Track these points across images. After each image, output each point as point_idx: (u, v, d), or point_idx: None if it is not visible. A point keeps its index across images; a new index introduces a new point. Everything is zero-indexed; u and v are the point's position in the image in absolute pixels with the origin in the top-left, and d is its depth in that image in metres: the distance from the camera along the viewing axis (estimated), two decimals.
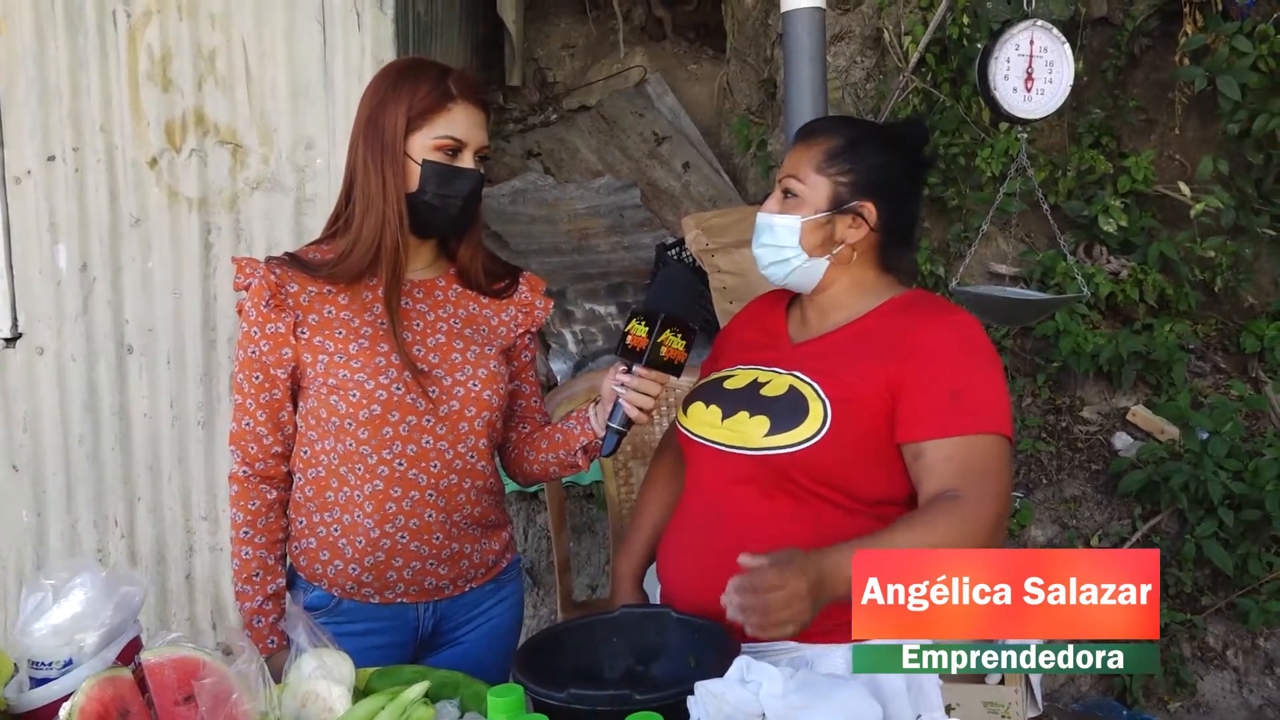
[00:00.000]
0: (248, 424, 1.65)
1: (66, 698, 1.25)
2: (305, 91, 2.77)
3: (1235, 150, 3.94)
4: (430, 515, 1.65)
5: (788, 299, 1.73)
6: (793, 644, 1.48)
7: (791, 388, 1.54)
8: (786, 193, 1.61)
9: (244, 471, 1.66)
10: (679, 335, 1.57)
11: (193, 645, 1.30)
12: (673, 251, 3.89)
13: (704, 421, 1.61)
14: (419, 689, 1.29)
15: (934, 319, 1.55)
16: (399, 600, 1.67)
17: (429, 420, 1.63)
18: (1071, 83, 2.77)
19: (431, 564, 1.67)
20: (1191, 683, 3.21)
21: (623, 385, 1.58)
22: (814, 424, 1.49)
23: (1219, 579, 3.27)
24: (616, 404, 1.59)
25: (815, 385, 1.53)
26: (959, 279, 3.05)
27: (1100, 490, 3.50)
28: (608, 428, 1.61)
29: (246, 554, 1.66)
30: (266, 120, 2.79)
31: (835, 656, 1.48)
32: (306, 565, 1.68)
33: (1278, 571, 3.24)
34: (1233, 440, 3.30)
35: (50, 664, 1.34)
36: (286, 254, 1.69)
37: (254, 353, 1.63)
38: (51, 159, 2.82)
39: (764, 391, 1.56)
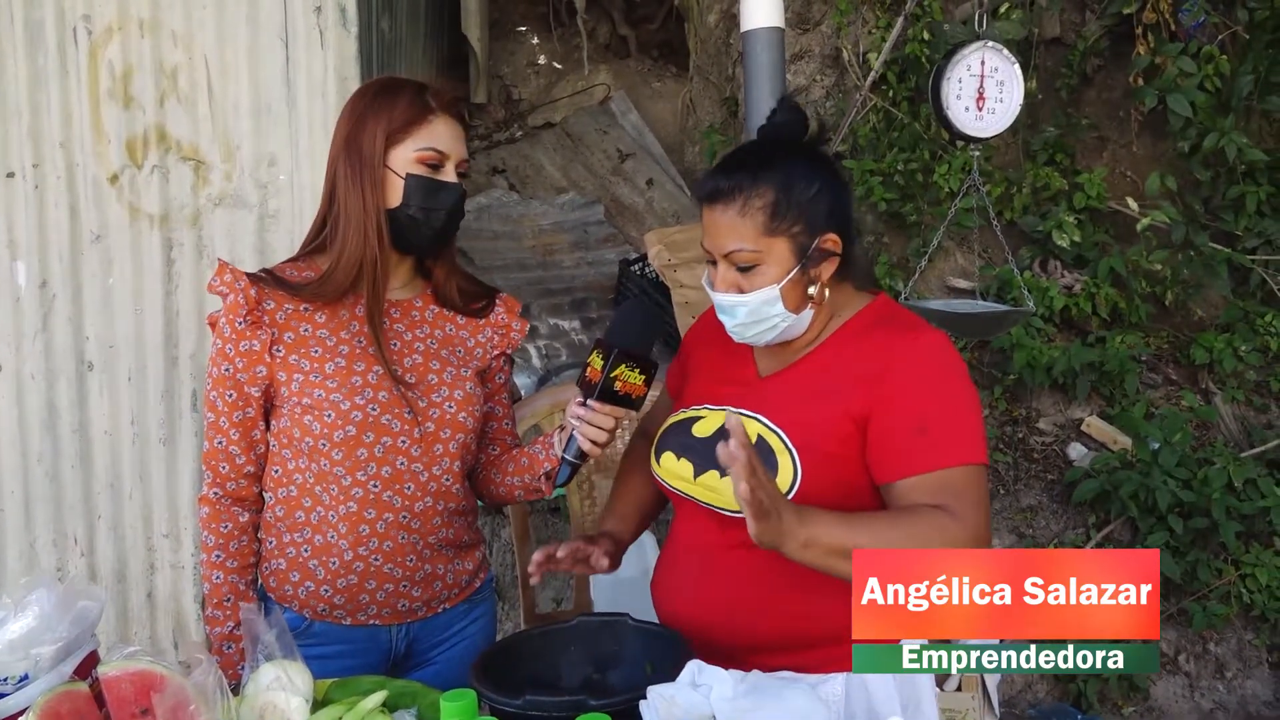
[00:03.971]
0: (220, 442, 1.62)
1: (22, 713, 1.26)
2: (268, 108, 2.77)
3: (1184, 168, 4.05)
4: (404, 537, 1.63)
5: None
6: (789, 672, 1.44)
7: (760, 438, 1.47)
8: (739, 267, 1.49)
9: (215, 493, 1.64)
10: (636, 370, 1.54)
11: (150, 659, 1.30)
12: (636, 267, 3.93)
13: (677, 475, 1.57)
14: (376, 698, 1.31)
15: (897, 342, 1.48)
16: (371, 622, 1.65)
17: (404, 442, 1.61)
18: (1022, 102, 2.84)
19: (405, 586, 1.65)
20: (1145, 688, 3.27)
21: (577, 418, 1.58)
22: (784, 479, 1.43)
23: (1170, 586, 3.33)
24: (572, 436, 1.59)
25: (782, 434, 1.47)
26: (911, 293, 3.10)
27: (1056, 500, 3.57)
28: (562, 458, 1.61)
29: (218, 578, 1.63)
30: (229, 137, 2.79)
31: (835, 684, 1.45)
32: (277, 586, 1.65)
33: (1226, 578, 3.31)
34: (1182, 450, 3.38)
35: (6, 679, 1.33)
36: (265, 271, 1.65)
37: (228, 370, 1.60)
38: (10, 175, 2.80)
39: None
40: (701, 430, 1.56)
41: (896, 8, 3.92)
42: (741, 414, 1.52)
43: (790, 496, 1.42)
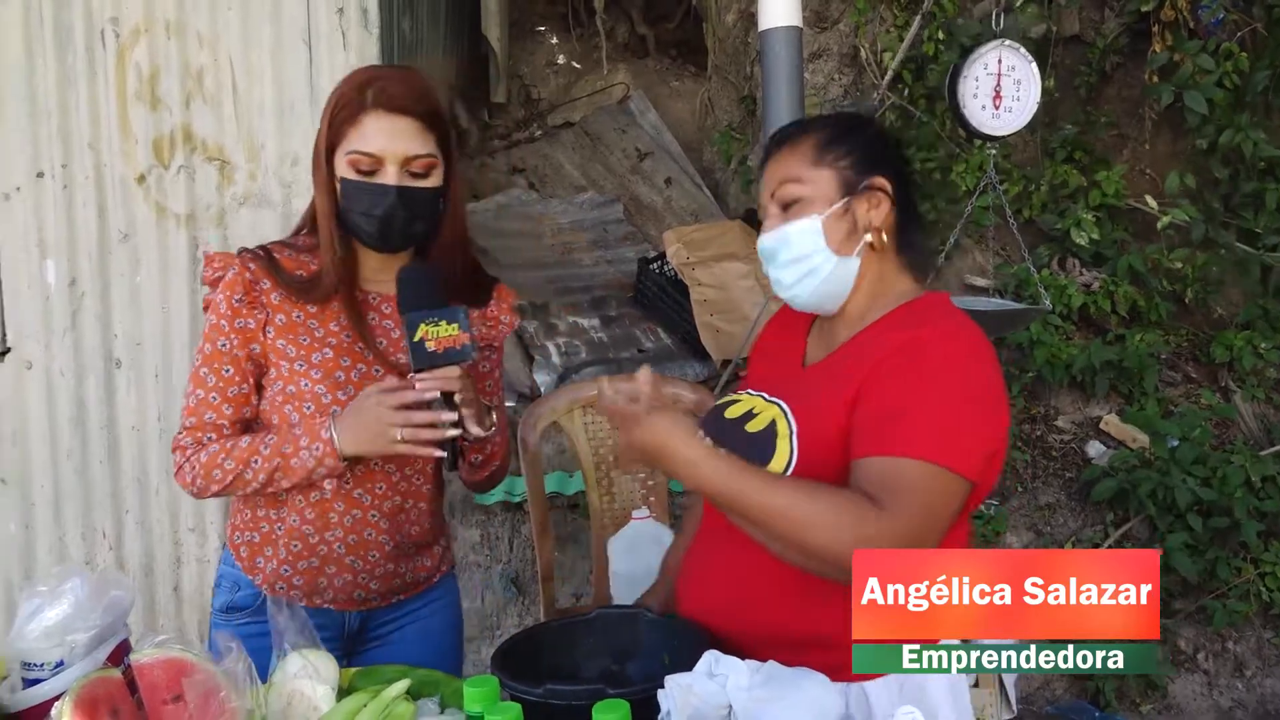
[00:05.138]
0: (210, 417, 1.58)
1: (58, 697, 1.29)
2: (291, 108, 2.82)
3: (1203, 165, 4.04)
4: (370, 534, 1.64)
5: None
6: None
7: (772, 422, 1.46)
8: (786, 204, 1.47)
9: (189, 440, 1.60)
10: (441, 322, 1.48)
11: (180, 646, 1.34)
12: (654, 265, 3.96)
13: None
14: (400, 686, 1.33)
15: (915, 331, 1.40)
16: (325, 605, 1.66)
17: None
18: (1039, 100, 2.85)
19: (364, 578, 1.66)
20: (1163, 685, 3.27)
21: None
22: (780, 461, 1.41)
23: (1188, 584, 3.33)
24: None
25: (791, 419, 1.44)
26: (929, 290, 3.12)
27: (1074, 497, 3.57)
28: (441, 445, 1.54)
29: (256, 463, 1.56)
30: (253, 137, 2.84)
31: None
32: (246, 556, 1.66)
33: (1245, 576, 3.31)
34: (1201, 448, 3.37)
35: (42, 665, 1.36)
36: (262, 248, 1.63)
37: (224, 345, 1.58)
38: (40, 175, 2.86)
39: (749, 426, 1.49)
40: (733, 413, 1.55)
41: (914, 6, 3.92)
42: (769, 400, 1.50)
43: (788, 475, 1.40)
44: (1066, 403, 3.84)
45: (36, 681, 1.36)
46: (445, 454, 1.53)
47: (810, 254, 1.46)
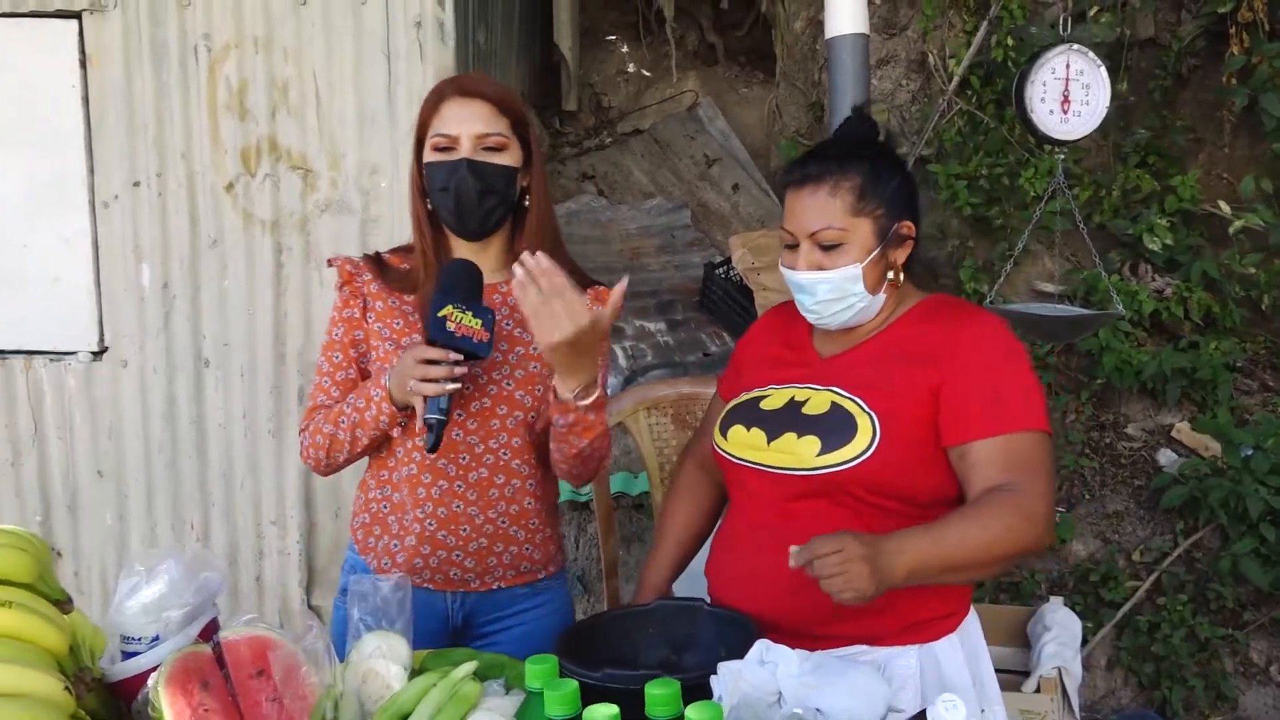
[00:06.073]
0: (322, 399, 1.76)
1: (154, 670, 1.38)
2: (371, 119, 2.92)
3: None
4: (459, 506, 1.71)
5: None
6: (865, 646, 1.54)
7: (834, 404, 1.57)
8: (824, 245, 1.58)
9: (305, 422, 1.77)
10: (469, 313, 1.57)
11: (265, 625, 1.43)
12: (720, 270, 4.00)
13: (747, 445, 1.63)
14: (468, 668, 1.40)
15: (966, 323, 1.59)
16: (425, 585, 1.73)
17: (459, 414, 1.69)
18: (1108, 105, 2.82)
19: (458, 555, 1.73)
20: (1233, 697, 3.21)
21: (421, 375, 1.57)
22: (864, 439, 1.52)
23: (1262, 594, 3.27)
24: (429, 398, 1.58)
25: (859, 400, 1.56)
26: (996, 296, 3.11)
27: (1143, 506, 3.53)
28: (424, 421, 1.59)
29: (325, 430, 1.71)
30: (335, 146, 2.94)
31: (909, 657, 1.54)
32: (362, 539, 1.79)
33: None
34: (1276, 457, 3.31)
35: (139, 639, 1.46)
36: (376, 253, 1.81)
37: (337, 335, 1.77)
38: (137, 184, 3.00)
39: (805, 410, 1.59)
40: (770, 405, 1.64)
41: (983, 12, 3.92)
42: (810, 388, 1.61)
43: (868, 455, 1.51)
44: (1137, 410, 3.79)
45: (134, 655, 1.45)
46: (442, 419, 1.58)
47: (848, 295, 1.59)
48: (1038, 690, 2.68)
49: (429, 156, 1.69)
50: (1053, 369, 3.84)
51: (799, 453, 1.55)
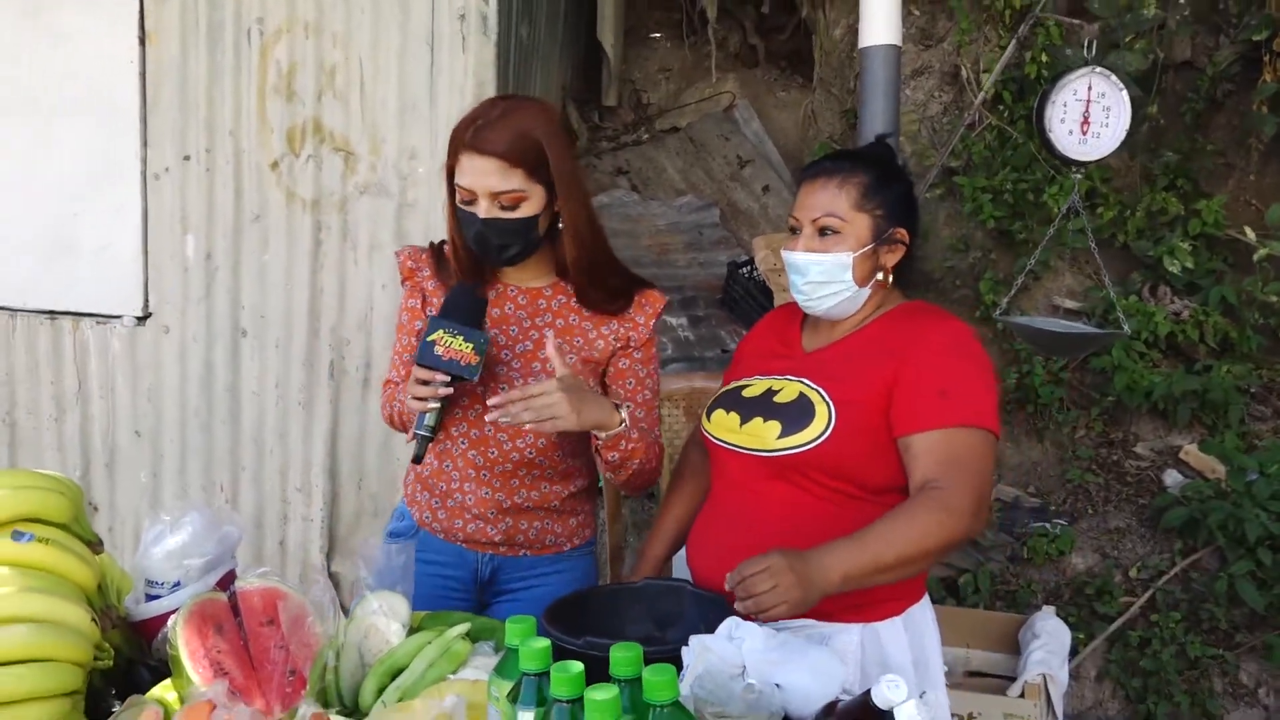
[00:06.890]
0: (393, 374, 1.94)
1: (173, 612, 1.49)
2: (413, 106, 3.01)
3: None
4: (486, 493, 1.86)
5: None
6: (811, 620, 1.64)
7: (801, 394, 1.69)
8: (823, 230, 1.70)
9: (385, 391, 1.96)
10: (459, 337, 1.67)
11: (278, 578, 1.55)
12: (744, 270, 4.09)
13: (725, 427, 1.77)
14: (460, 628, 1.51)
15: (931, 325, 1.70)
16: (459, 543, 1.90)
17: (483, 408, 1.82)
18: (1128, 128, 2.87)
19: (490, 529, 1.88)
20: (1218, 716, 3.25)
21: (409, 393, 1.71)
22: (819, 425, 1.64)
23: (1255, 618, 3.31)
24: (420, 413, 1.70)
25: (821, 390, 1.68)
26: (1008, 308, 3.16)
27: (1145, 524, 3.57)
28: (415, 434, 1.72)
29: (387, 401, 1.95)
30: (376, 131, 3.03)
31: (852, 633, 1.65)
32: (410, 493, 1.96)
33: None
34: (1279, 483, 3.34)
35: (163, 584, 1.59)
36: (443, 242, 1.91)
37: (403, 319, 1.93)
38: (187, 159, 3.12)
39: (776, 399, 1.72)
40: (750, 392, 1.77)
41: (1018, 28, 3.96)
42: (786, 379, 1.74)
43: (823, 440, 1.63)
44: (1147, 430, 3.84)
45: (156, 597, 1.58)
46: (428, 435, 1.71)
47: (836, 281, 1.71)
48: (1022, 695, 2.75)
49: (457, 196, 1.76)
50: (1065, 385, 3.89)
51: (763, 435, 1.69)
